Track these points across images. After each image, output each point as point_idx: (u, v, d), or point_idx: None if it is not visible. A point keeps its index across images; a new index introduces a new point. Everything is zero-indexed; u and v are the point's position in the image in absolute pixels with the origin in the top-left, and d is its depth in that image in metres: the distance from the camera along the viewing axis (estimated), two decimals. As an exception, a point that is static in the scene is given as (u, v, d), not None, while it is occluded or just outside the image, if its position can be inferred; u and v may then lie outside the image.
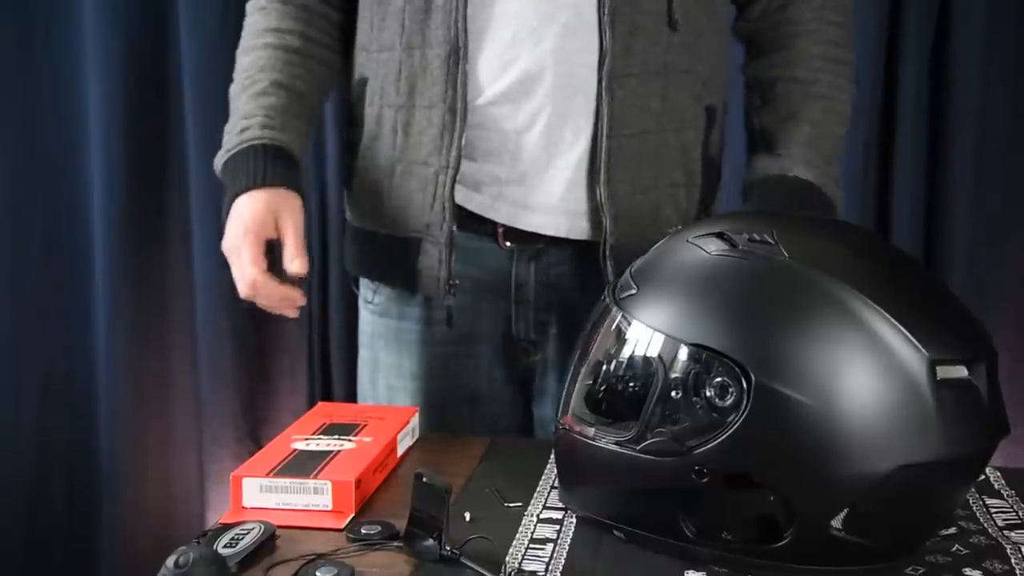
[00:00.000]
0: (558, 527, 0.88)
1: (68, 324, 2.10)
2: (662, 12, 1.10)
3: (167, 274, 2.07)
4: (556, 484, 0.97)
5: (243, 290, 1.10)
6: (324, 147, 1.98)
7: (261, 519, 0.86)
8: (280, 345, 2.06)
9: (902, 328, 0.76)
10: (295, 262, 1.08)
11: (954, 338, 0.78)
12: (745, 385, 0.75)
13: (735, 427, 0.75)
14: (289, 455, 0.96)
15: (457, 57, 1.09)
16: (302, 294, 1.09)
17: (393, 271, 1.20)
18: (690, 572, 0.80)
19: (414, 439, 1.10)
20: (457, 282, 1.14)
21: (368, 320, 1.28)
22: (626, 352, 0.83)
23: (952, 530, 0.87)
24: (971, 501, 0.93)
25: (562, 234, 1.15)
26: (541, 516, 0.90)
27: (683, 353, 0.79)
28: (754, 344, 0.76)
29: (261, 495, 0.91)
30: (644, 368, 0.81)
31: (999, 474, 1.00)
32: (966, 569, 0.80)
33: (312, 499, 0.90)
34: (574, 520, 0.89)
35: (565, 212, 1.14)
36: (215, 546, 0.80)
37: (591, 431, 0.85)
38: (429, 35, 1.11)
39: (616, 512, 0.85)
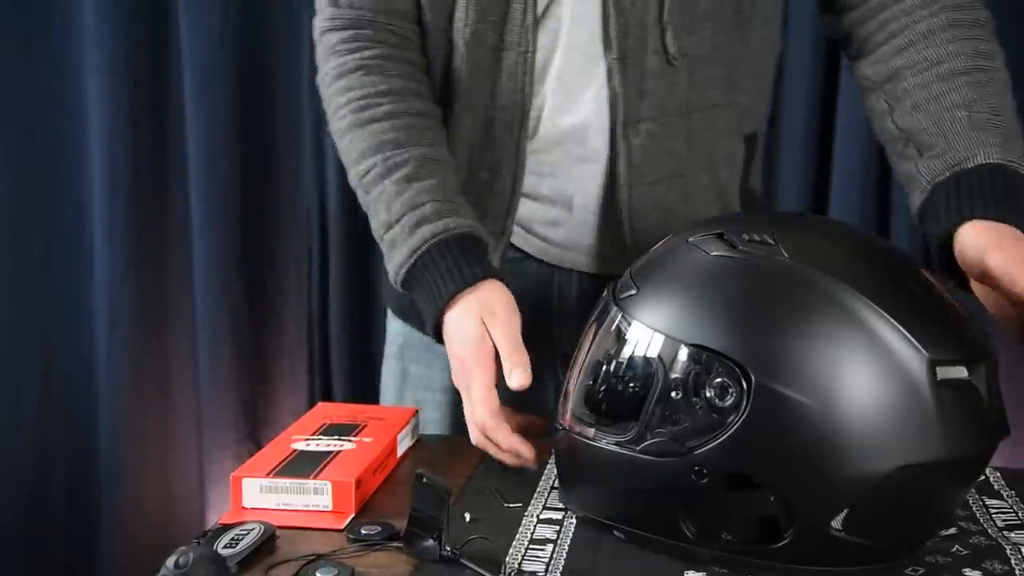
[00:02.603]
0: (558, 527, 0.88)
1: (68, 324, 2.11)
2: (666, 49, 1.02)
3: (167, 275, 2.08)
4: (556, 485, 0.97)
5: (472, 436, 0.97)
6: (324, 147, 1.99)
7: (261, 519, 0.86)
8: (280, 346, 2.07)
9: (902, 328, 0.75)
10: (512, 375, 0.93)
11: (954, 339, 0.78)
12: (745, 385, 0.75)
13: (735, 427, 0.75)
14: (289, 455, 0.96)
15: (520, 134, 1.05)
16: (532, 453, 0.94)
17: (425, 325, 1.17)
18: (690, 572, 0.79)
19: (414, 439, 1.10)
20: None
21: (399, 331, 1.24)
22: (626, 352, 0.83)
23: (952, 531, 0.87)
24: (971, 502, 0.93)
25: (594, 270, 1.12)
26: (541, 516, 0.90)
27: (683, 354, 0.78)
28: (754, 344, 0.76)
29: (261, 495, 0.91)
30: (644, 368, 0.81)
31: (999, 475, 1.00)
32: (966, 570, 0.80)
33: (312, 499, 0.90)
34: (574, 521, 0.89)
35: (596, 254, 1.11)
36: (215, 546, 0.80)
37: (591, 432, 0.85)
38: (492, 97, 1.05)
39: (616, 512, 0.85)
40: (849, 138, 1.76)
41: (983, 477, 0.99)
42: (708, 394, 0.77)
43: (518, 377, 0.92)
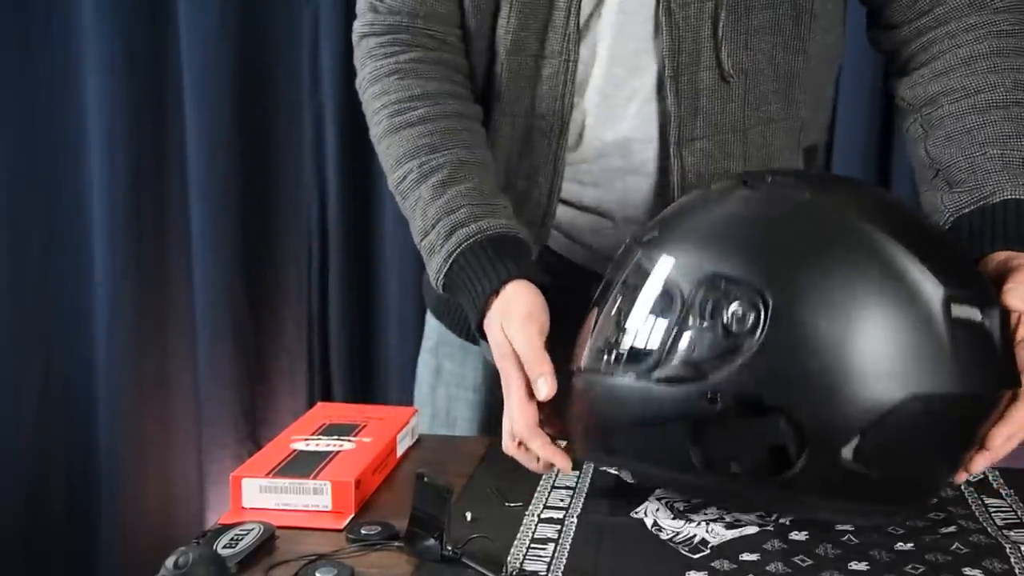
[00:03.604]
0: (559, 527, 0.88)
1: (68, 324, 2.11)
2: (721, 65, 1.00)
3: (167, 274, 2.08)
4: (556, 484, 0.97)
5: (505, 444, 0.93)
6: (324, 146, 1.99)
7: (261, 519, 0.86)
8: (280, 345, 2.07)
9: (921, 263, 0.76)
10: (537, 386, 0.89)
11: (970, 281, 0.79)
12: (763, 310, 0.76)
13: (751, 352, 0.76)
14: (289, 455, 0.96)
15: (559, 144, 1.04)
16: (567, 461, 0.90)
17: (460, 325, 1.16)
18: (691, 572, 0.80)
19: (414, 439, 1.10)
20: None
21: (435, 326, 1.23)
22: (645, 285, 0.83)
23: (951, 529, 0.87)
24: (970, 501, 0.94)
25: None
26: (542, 516, 0.90)
27: (701, 282, 0.79)
28: (773, 271, 0.77)
29: (261, 495, 0.91)
30: (663, 299, 0.81)
31: (997, 474, 1.00)
32: (966, 568, 0.80)
33: (312, 499, 0.90)
34: (575, 520, 0.89)
35: None
36: (215, 546, 0.80)
37: (606, 367, 0.84)
38: (533, 106, 1.04)
39: (624, 451, 0.84)
40: (848, 139, 1.76)
41: (982, 476, 0.99)
42: (725, 320, 0.77)
43: (542, 388, 0.89)
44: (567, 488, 0.96)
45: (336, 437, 1.01)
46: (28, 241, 2.08)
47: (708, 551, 0.83)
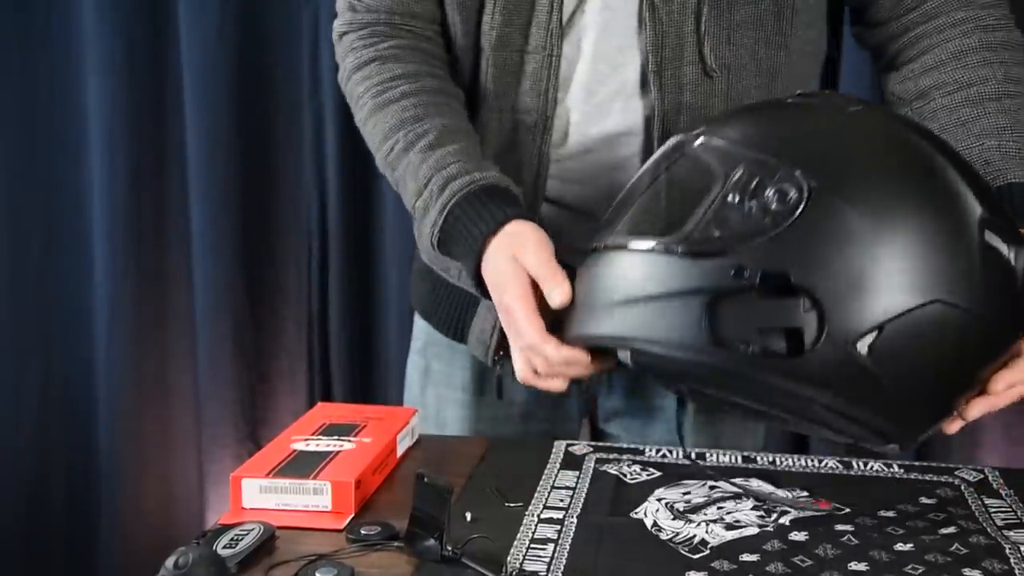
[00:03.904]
0: (559, 527, 0.88)
1: (68, 324, 2.11)
2: (704, 59, 1.01)
3: (167, 274, 2.08)
4: (556, 484, 0.97)
5: (519, 372, 0.94)
6: (324, 146, 1.99)
7: (261, 520, 0.86)
8: (279, 345, 2.07)
9: (963, 180, 0.78)
10: (552, 296, 0.89)
11: (1001, 215, 0.81)
12: (805, 192, 0.76)
13: (786, 227, 0.76)
14: (289, 455, 0.96)
15: (544, 139, 1.05)
16: (587, 357, 0.90)
17: (448, 324, 1.17)
18: (691, 573, 0.80)
19: (414, 440, 1.10)
20: (506, 353, 1.06)
21: (423, 326, 1.24)
22: (689, 165, 0.84)
23: (951, 529, 0.87)
24: (970, 501, 0.94)
25: None
26: (542, 516, 0.90)
27: (747, 163, 0.79)
28: (820, 161, 0.78)
29: (261, 496, 0.91)
30: (704, 177, 0.81)
31: (997, 473, 1.00)
32: (965, 569, 0.80)
33: (312, 499, 0.90)
34: (575, 520, 0.89)
35: None
36: (215, 547, 0.81)
37: (632, 241, 0.83)
38: (517, 101, 1.05)
39: (631, 326, 0.82)
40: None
41: (982, 476, 0.99)
42: (765, 197, 0.77)
43: (558, 296, 0.89)
44: (567, 488, 0.96)
45: (336, 437, 1.01)
46: (28, 241, 2.08)
47: (708, 551, 0.83)
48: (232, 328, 2.04)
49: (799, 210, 0.76)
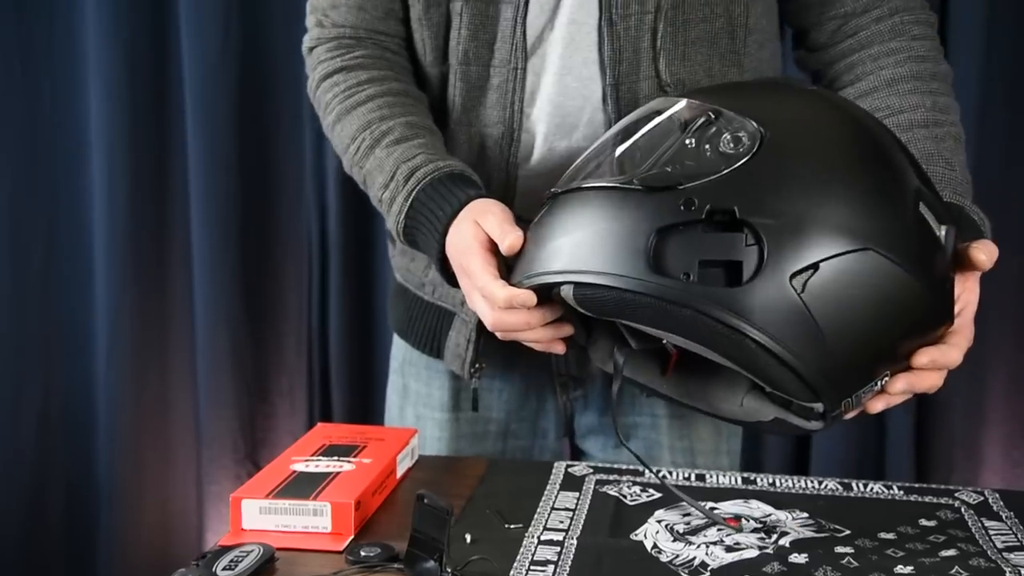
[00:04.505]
0: (559, 549, 0.88)
1: (68, 342, 2.11)
2: (659, 75, 1.04)
3: (167, 292, 2.08)
4: (556, 506, 0.97)
5: (488, 319, 0.92)
6: (324, 164, 1.99)
7: (260, 541, 0.86)
8: (279, 365, 2.07)
9: (905, 157, 0.84)
10: (505, 240, 0.90)
11: (936, 195, 0.85)
12: (759, 140, 0.80)
13: (736, 167, 0.79)
14: (288, 476, 0.96)
15: (511, 152, 1.07)
16: (534, 300, 0.88)
17: (424, 340, 1.18)
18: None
19: (413, 460, 1.10)
20: (483, 366, 1.11)
21: (401, 346, 1.26)
22: (651, 116, 0.87)
23: (951, 552, 0.87)
24: (970, 523, 0.94)
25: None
26: (542, 538, 0.90)
27: (708, 113, 0.83)
28: (775, 115, 0.82)
29: (260, 517, 0.91)
30: (666, 124, 0.85)
31: (997, 496, 1.00)
32: (966, 592, 0.80)
33: (311, 521, 0.90)
34: (575, 542, 0.89)
35: None
36: (214, 568, 0.80)
37: (588, 179, 0.86)
38: (484, 115, 1.08)
39: (582, 260, 0.84)
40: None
41: (982, 499, 0.99)
42: (721, 140, 0.81)
43: (507, 240, 0.89)
44: (567, 510, 0.96)
45: (336, 458, 1.01)
46: (28, 257, 2.08)
47: (708, 574, 0.83)
48: (232, 346, 2.04)
49: (751, 154, 0.80)
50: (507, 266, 0.92)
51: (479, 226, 0.94)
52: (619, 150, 0.88)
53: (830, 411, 0.82)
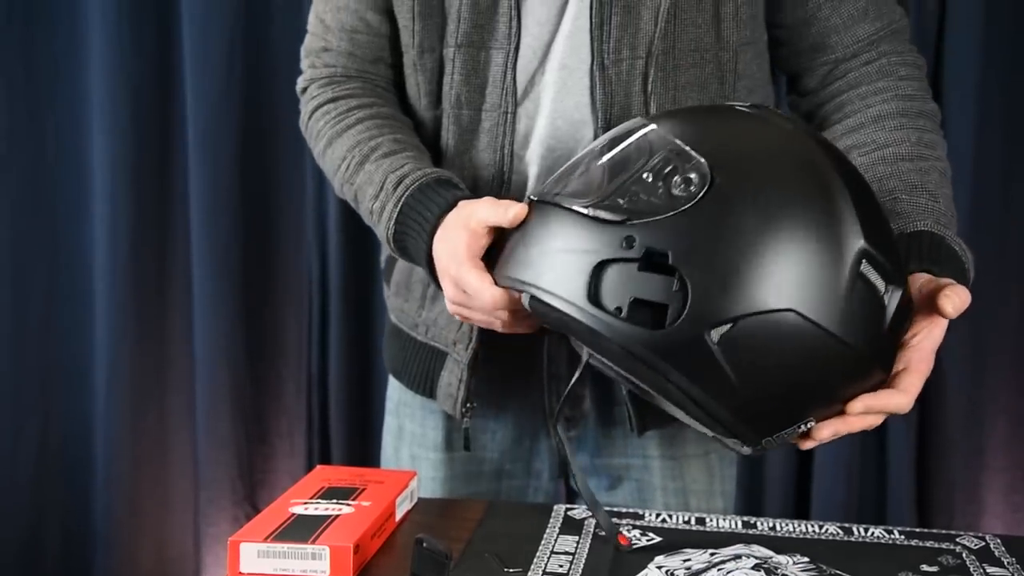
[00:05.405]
0: (557, 593, 0.87)
1: (67, 383, 2.11)
2: (648, 100, 1.05)
3: (166, 335, 2.08)
4: (556, 549, 0.96)
5: (484, 318, 0.96)
6: (326, 207, 2.00)
7: (259, 584, 0.86)
8: (278, 407, 2.06)
9: (856, 211, 0.81)
10: (510, 212, 0.92)
11: (888, 254, 0.83)
12: (707, 187, 0.81)
13: (680, 212, 0.81)
14: (287, 519, 0.96)
15: (502, 193, 1.08)
16: (497, 293, 0.92)
17: (418, 381, 1.20)
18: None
19: (412, 503, 1.10)
20: (474, 405, 1.13)
21: (396, 387, 1.27)
22: (629, 146, 0.89)
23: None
24: (972, 569, 0.93)
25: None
26: (540, 582, 0.90)
27: (668, 149, 0.85)
28: (732, 159, 0.83)
29: (259, 560, 0.90)
30: (632, 153, 0.87)
31: (999, 541, 1.00)
32: (968, 638, 0.80)
33: (310, 564, 0.90)
34: (573, 586, 0.89)
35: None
36: (212, 612, 0.80)
37: (554, 195, 0.89)
38: (476, 157, 1.10)
39: (536, 274, 0.87)
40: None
41: (983, 544, 0.99)
42: (672, 182, 0.82)
43: (515, 211, 0.92)
44: (567, 553, 0.96)
45: (335, 501, 1.00)
46: (29, 298, 2.09)
47: (708, 619, 0.83)
48: (231, 389, 2.04)
49: (695, 199, 0.81)
50: (491, 259, 0.94)
51: (469, 231, 0.95)
52: (592, 166, 0.90)
53: (750, 447, 0.85)
